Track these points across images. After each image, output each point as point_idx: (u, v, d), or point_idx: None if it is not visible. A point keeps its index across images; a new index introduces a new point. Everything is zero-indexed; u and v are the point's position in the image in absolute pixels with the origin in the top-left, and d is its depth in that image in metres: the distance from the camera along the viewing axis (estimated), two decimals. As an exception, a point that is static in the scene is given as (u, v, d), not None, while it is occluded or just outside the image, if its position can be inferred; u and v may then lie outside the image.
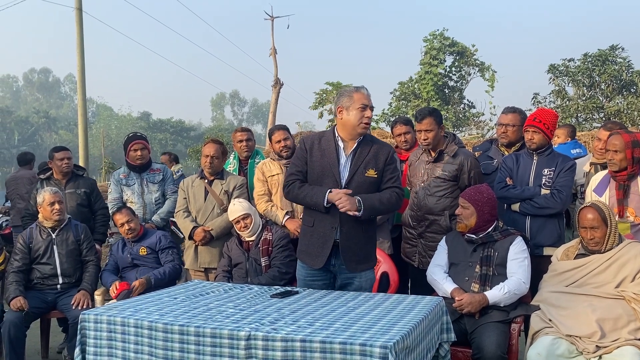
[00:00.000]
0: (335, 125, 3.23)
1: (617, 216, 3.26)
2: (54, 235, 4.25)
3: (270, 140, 4.53)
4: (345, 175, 3.12)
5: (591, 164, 4.11)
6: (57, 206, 4.20)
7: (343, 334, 2.29)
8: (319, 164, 3.16)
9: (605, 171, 3.62)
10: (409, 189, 4.23)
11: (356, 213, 3.01)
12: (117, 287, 4.06)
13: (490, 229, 3.37)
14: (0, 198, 10.37)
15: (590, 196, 3.57)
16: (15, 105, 72.38)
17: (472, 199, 3.37)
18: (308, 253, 3.21)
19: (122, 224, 4.31)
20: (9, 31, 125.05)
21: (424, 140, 3.85)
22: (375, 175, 3.13)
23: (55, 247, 4.23)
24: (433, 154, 3.91)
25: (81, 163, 15.22)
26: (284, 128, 4.57)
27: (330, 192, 3.04)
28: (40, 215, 4.30)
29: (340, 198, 2.99)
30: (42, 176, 4.90)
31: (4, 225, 7.15)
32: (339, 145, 3.16)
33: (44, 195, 4.22)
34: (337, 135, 3.18)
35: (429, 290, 3.50)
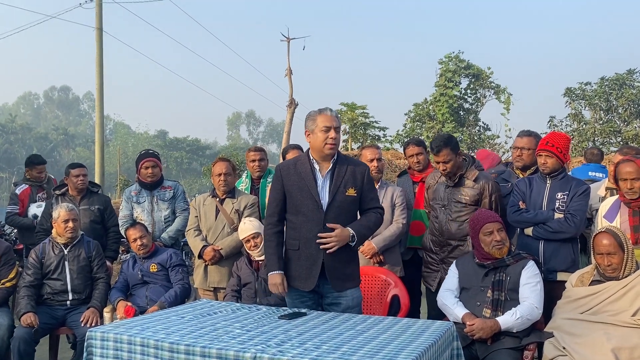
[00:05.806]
0: (309, 148, 3.30)
1: (631, 243, 3.19)
2: (66, 251, 4.27)
3: (284, 158, 4.55)
4: (325, 195, 3.17)
5: (607, 188, 4.05)
6: (70, 224, 4.23)
7: (351, 358, 2.26)
8: (297, 187, 3.19)
9: (615, 197, 3.55)
10: (427, 212, 4.18)
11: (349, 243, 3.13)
12: (124, 312, 4.04)
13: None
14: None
15: (600, 222, 3.51)
16: (36, 122, 73.71)
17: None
18: (296, 277, 3.21)
19: (135, 239, 4.33)
20: (31, 50, 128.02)
21: (443, 170, 3.82)
22: (355, 194, 3.19)
23: (66, 263, 4.25)
24: (453, 178, 3.87)
25: (97, 180, 15.38)
26: (298, 147, 4.60)
27: (271, 274, 3.16)
28: (53, 231, 4.33)
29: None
30: (57, 192, 4.95)
31: (18, 240, 7.22)
32: (314, 167, 3.21)
33: (59, 212, 4.26)
34: (311, 157, 3.22)
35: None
